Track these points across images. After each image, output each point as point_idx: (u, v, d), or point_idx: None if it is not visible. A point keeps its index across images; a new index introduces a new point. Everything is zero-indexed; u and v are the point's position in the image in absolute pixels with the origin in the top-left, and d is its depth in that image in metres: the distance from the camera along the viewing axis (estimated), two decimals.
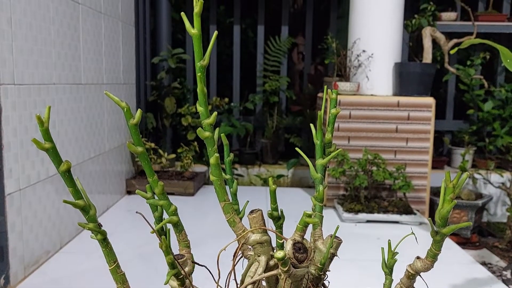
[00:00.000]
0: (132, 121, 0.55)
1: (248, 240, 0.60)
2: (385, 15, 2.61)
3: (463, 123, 3.34)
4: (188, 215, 2.33)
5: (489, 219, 3.03)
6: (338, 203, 2.47)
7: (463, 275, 1.70)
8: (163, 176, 2.82)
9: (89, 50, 2.11)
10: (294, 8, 3.90)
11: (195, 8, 0.49)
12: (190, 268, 0.66)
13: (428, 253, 0.57)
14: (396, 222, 2.29)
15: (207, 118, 0.56)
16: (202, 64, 0.52)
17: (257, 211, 0.61)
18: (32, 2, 1.61)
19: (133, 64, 2.83)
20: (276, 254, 0.53)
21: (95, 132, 2.20)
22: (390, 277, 0.62)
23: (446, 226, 0.55)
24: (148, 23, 3.29)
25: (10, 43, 1.47)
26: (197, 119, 3.12)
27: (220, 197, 0.59)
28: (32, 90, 1.61)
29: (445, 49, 2.95)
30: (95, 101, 2.19)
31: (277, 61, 3.46)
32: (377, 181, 2.41)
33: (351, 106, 2.52)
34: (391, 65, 2.67)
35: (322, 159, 0.64)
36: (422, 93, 2.59)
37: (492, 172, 2.96)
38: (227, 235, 0.69)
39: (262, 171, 3.27)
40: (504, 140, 2.97)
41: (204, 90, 0.54)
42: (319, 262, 0.61)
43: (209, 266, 0.67)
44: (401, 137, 2.53)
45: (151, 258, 1.73)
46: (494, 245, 2.62)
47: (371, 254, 1.87)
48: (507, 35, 3.27)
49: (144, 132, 3.11)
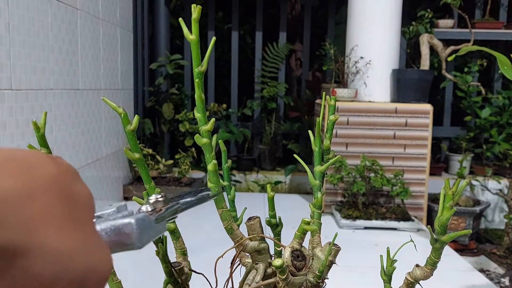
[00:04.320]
0: (129, 127, 0.55)
1: (246, 247, 0.60)
2: (383, 22, 2.62)
3: (461, 129, 3.34)
4: (185, 222, 2.32)
5: (486, 225, 3.03)
6: (336, 210, 2.46)
7: (461, 282, 1.69)
8: (161, 182, 2.81)
9: (87, 55, 2.11)
10: (292, 14, 3.92)
11: (193, 14, 0.49)
12: (187, 275, 0.65)
13: (428, 261, 0.57)
14: (394, 228, 2.29)
15: (204, 125, 0.55)
16: (200, 70, 0.52)
17: (255, 218, 0.60)
18: (30, 8, 1.61)
19: (131, 69, 2.83)
20: (274, 262, 0.53)
21: (92, 137, 2.19)
22: (389, 285, 0.61)
23: (445, 234, 0.54)
24: (146, 29, 3.29)
25: (7, 49, 1.47)
26: (195, 125, 3.11)
27: (217, 204, 0.59)
28: (30, 96, 1.60)
29: (443, 56, 2.96)
30: (92, 106, 2.19)
31: (275, 67, 3.46)
32: (375, 187, 2.41)
33: (349, 112, 2.52)
34: (389, 71, 2.68)
35: (321, 166, 0.63)
36: (420, 100, 2.59)
37: (489, 179, 2.96)
38: (224, 243, 0.69)
39: (260, 177, 3.26)
40: (502, 146, 2.97)
41: (202, 96, 0.54)
42: (317, 270, 0.60)
43: (206, 273, 0.66)
44: (399, 144, 2.53)
45: (148, 266, 1.72)
46: (492, 251, 2.62)
47: (369, 261, 1.86)
48: (504, 42, 3.28)
49: (141, 138, 3.11)
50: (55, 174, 0.23)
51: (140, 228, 0.29)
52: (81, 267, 0.22)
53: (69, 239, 0.22)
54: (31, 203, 0.21)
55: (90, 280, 0.23)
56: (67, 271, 0.22)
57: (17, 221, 0.20)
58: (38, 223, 0.21)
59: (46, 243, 0.21)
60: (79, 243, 0.23)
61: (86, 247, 0.23)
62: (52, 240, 0.21)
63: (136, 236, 0.28)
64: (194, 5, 0.49)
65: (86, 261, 0.23)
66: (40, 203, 0.21)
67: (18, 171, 0.21)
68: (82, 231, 0.23)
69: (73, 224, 0.23)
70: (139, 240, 0.29)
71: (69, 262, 0.22)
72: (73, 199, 0.24)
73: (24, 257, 0.20)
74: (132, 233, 0.28)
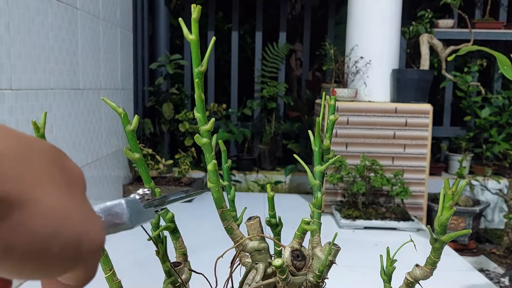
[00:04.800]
0: (129, 127, 0.55)
1: (246, 247, 0.60)
2: (383, 22, 2.62)
3: (460, 129, 3.34)
4: (185, 221, 2.32)
5: (486, 225, 3.03)
6: (336, 209, 2.46)
7: (461, 282, 1.70)
8: (161, 182, 2.81)
9: (87, 55, 2.11)
10: (292, 14, 3.92)
11: (193, 14, 0.49)
12: (187, 275, 0.65)
13: (427, 261, 0.57)
14: (393, 228, 2.29)
15: (204, 124, 0.55)
16: (200, 70, 0.52)
17: (255, 218, 0.60)
18: (30, 8, 1.61)
19: (131, 69, 2.83)
20: (274, 261, 0.53)
21: (92, 137, 2.19)
22: (389, 285, 0.61)
23: (445, 234, 0.54)
24: (146, 29, 3.29)
25: (8, 49, 1.47)
26: (195, 125, 3.11)
27: (217, 204, 0.59)
28: (30, 95, 1.60)
29: (442, 56, 2.96)
30: (92, 106, 2.19)
31: (275, 67, 3.46)
32: (375, 187, 2.41)
33: (349, 112, 2.52)
34: (388, 71, 2.68)
35: (320, 166, 0.63)
36: (420, 100, 2.59)
37: (489, 179, 2.96)
38: (224, 242, 0.69)
39: (260, 177, 3.26)
40: (501, 146, 2.97)
41: (201, 96, 0.54)
42: (317, 270, 0.60)
43: (206, 273, 0.66)
44: (398, 144, 2.53)
45: (148, 266, 1.72)
46: (491, 251, 2.62)
47: (369, 261, 1.86)
48: (503, 42, 3.28)
49: (141, 137, 3.10)
50: (49, 146, 0.24)
51: (130, 208, 0.30)
52: (75, 229, 0.23)
53: (65, 201, 0.23)
54: (28, 163, 0.21)
55: (84, 246, 0.23)
56: (62, 231, 0.22)
57: (16, 176, 0.20)
58: (36, 181, 0.21)
59: (43, 200, 0.21)
60: (74, 207, 0.23)
61: (81, 212, 0.24)
62: (48, 198, 0.22)
63: (127, 215, 0.30)
64: (194, 5, 0.49)
65: (81, 225, 0.23)
66: (36, 164, 0.22)
67: (14, 136, 0.22)
68: (77, 198, 0.24)
69: (69, 190, 0.24)
70: (130, 219, 0.30)
71: (64, 222, 0.22)
72: (67, 171, 0.24)
73: (21, 211, 0.20)
74: (122, 212, 0.30)
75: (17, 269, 0.21)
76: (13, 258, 0.20)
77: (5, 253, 0.20)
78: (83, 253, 0.23)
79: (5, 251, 0.20)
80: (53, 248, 0.22)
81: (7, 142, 0.21)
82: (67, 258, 0.23)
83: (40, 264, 0.22)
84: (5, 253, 0.20)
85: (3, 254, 0.20)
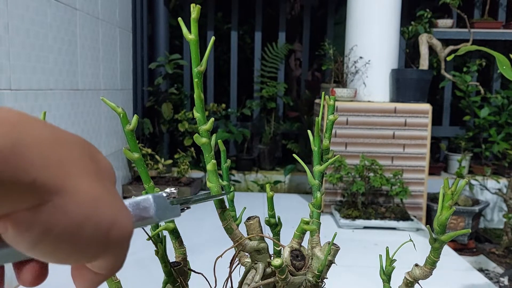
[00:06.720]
0: (128, 127, 0.55)
1: (245, 247, 0.60)
2: (382, 22, 2.62)
3: (460, 129, 3.35)
4: (185, 221, 2.31)
5: (485, 225, 3.03)
6: (336, 209, 2.46)
7: (460, 282, 1.70)
8: (160, 182, 2.81)
9: (86, 56, 2.11)
10: (291, 14, 3.92)
11: (193, 14, 0.49)
12: (186, 275, 0.65)
13: (427, 261, 0.57)
14: (393, 228, 2.29)
15: (204, 124, 0.55)
16: (199, 70, 0.52)
17: (254, 218, 0.60)
18: (29, 9, 1.60)
19: (130, 70, 2.83)
20: (273, 261, 0.53)
21: (92, 137, 2.19)
22: (388, 285, 0.62)
23: (444, 233, 0.54)
24: (145, 29, 3.29)
25: (7, 49, 1.47)
26: (194, 125, 3.11)
27: (217, 203, 0.59)
28: (29, 96, 1.60)
29: (442, 56, 2.96)
30: (92, 106, 2.19)
31: (274, 67, 3.46)
32: (374, 187, 2.41)
33: (348, 112, 2.52)
34: (388, 71, 2.68)
35: (320, 166, 0.63)
36: (419, 100, 2.60)
37: (488, 178, 2.96)
38: (224, 242, 0.69)
39: (259, 177, 3.26)
40: (500, 146, 2.97)
41: (201, 96, 0.54)
42: (316, 270, 0.60)
43: (205, 273, 0.66)
44: (398, 143, 2.53)
45: (147, 265, 1.72)
46: (491, 251, 2.62)
47: (368, 261, 1.86)
48: (502, 42, 3.29)
49: (141, 137, 3.10)
50: (80, 138, 0.25)
51: (157, 203, 0.32)
52: (107, 215, 0.24)
53: (98, 189, 0.24)
54: (63, 151, 0.23)
55: (113, 233, 0.25)
56: (95, 215, 0.24)
57: (55, 162, 0.22)
58: (72, 168, 0.23)
59: (79, 186, 0.23)
60: (105, 195, 0.25)
61: (111, 200, 0.25)
62: (84, 184, 0.23)
63: (154, 209, 0.32)
64: (193, 5, 0.49)
65: (112, 212, 0.25)
66: (70, 153, 0.23)
67: (48, 126, 0.23)
68: (107, 188, 0.25)
69: (100, 179, 0.25)
70: (157, 214, 0.32)
71: (95, 208, 0.24)
72: (98, 163, 0.26)
73: (59, 196, 0.22)
74: (150, 207, 0.31)
75: (51, 251, 0.22)
76: (49, 240, 0.22)
77: (43, 235, 0.22)
78: (112, 240, 0.25)
79: (43, 233, 0.22)
80: (85, 232, 0.23)
81: (43, 131, 0.22)
82: (97, 244, 0.24)
83: (72, 248, 0.23)
84: (43, 235, 0.22)
85: (42, 236, 0.22)
